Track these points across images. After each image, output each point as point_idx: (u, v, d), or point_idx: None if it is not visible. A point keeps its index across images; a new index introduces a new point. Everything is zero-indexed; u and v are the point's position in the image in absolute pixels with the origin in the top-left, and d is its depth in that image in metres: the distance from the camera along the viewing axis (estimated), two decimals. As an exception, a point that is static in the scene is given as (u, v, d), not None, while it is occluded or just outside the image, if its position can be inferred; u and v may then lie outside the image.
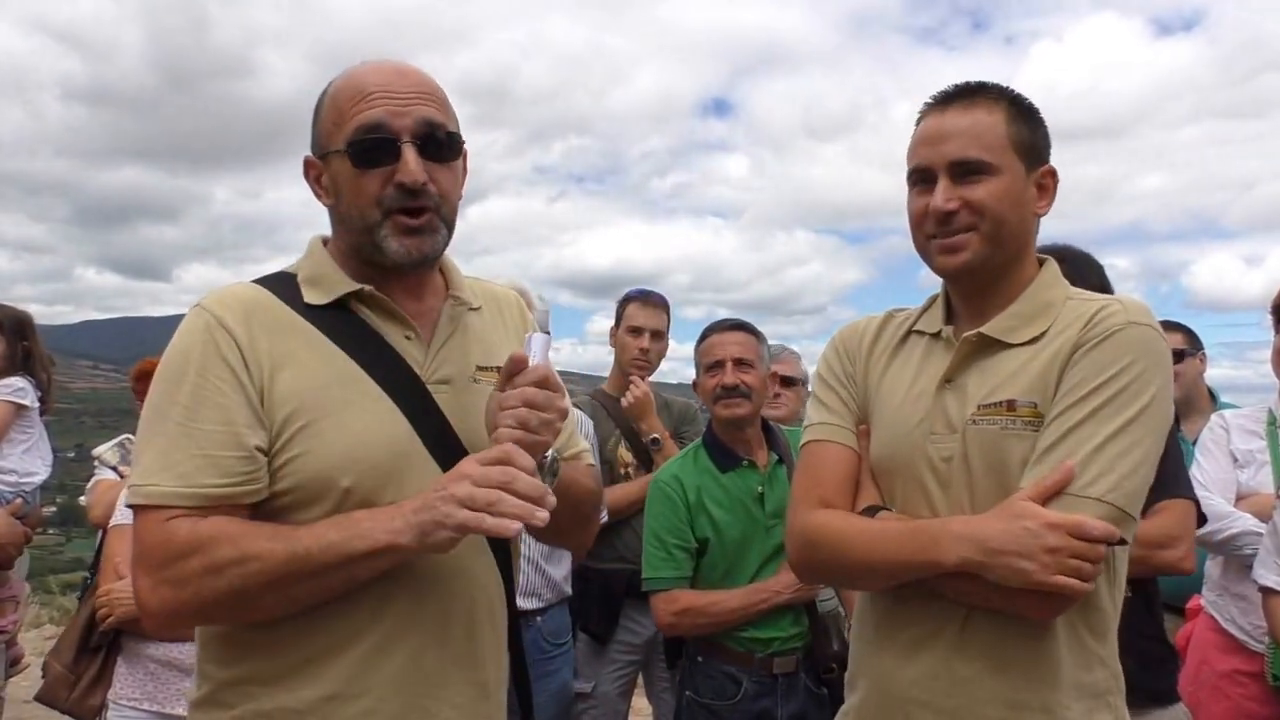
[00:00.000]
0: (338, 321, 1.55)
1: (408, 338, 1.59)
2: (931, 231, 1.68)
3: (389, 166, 1.50)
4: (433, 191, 1.53)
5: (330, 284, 1.58)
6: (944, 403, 1.69)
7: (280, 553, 1.39)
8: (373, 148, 1.50)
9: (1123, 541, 1.54)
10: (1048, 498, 1.52)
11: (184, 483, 1.42)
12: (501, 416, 1.44)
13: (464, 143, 1.59)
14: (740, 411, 3.01)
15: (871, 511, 1.72)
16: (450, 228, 1.60)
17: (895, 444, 1.73)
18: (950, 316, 1.77)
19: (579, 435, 1.83)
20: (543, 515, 1.37)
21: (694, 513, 2.97)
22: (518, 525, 1.35)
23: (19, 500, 3.87)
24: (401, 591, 1.50)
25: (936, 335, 1.75)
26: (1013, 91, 1.71)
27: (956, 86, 1.72)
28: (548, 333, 1.54)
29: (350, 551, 1.40)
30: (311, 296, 1.56)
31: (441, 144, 1.55)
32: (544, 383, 1.44)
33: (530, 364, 1.46)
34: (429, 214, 1.54)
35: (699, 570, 2.98)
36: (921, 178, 1.70)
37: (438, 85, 1.59)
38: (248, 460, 1.45)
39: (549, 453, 1.50)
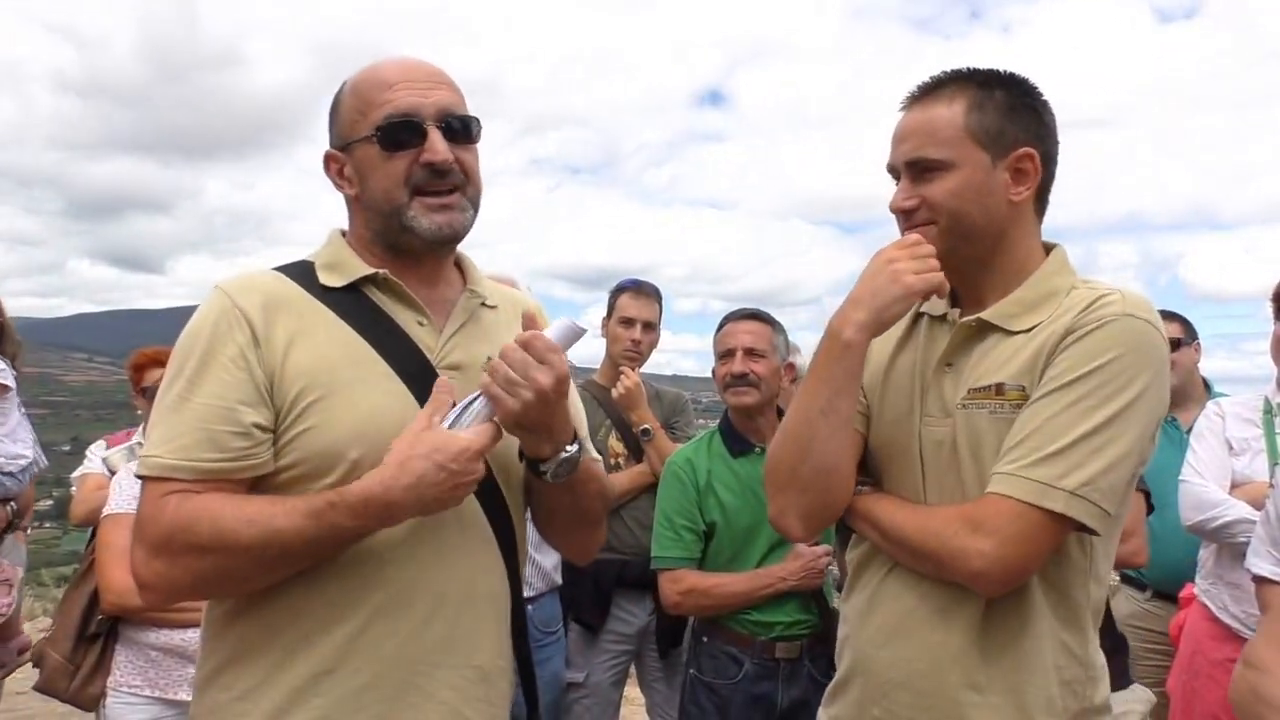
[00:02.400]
0: (352, 304, 1.61)
1: (420, 323, 1.64)
2: (900, 226, 1.72)
3: (416, 149, 1.57)
4: (458, 170, 1.60)
5: (346, 268, 1.63)
6: (940, 386, 1.69)
7: (258, 544, 1.43)
8: (400, 130, 1.57)
9: (1092, 531, 1.56)
10: None
11: (181, 456, 1.48)
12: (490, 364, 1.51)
13: (481, 125, 1.65)
14: (747, 400, 3.06)
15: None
16: (476, 208, 1.66)
17: (894, 426, 1.74)
18: (955, 301, 1.76)
19: (590, 445, 1.85)
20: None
21: (703, 496, 3.04)
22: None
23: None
24: (396, 571, 1.52)
25: (942, 318, 1.76)
26: (988, 75, 1.69)
27: (925, 81, 1.72)
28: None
29: (335, 543, 1.47)
30: (327, 279, 1.62)
31: (464, 126, 1.62)
32: (529, 346, 1.49)
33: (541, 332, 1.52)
34: (456, 192, 1.61)
35: (706, 553, 3.06)
36: (894, 175, 1.74)
37: (450, 76, 1.66)
38: (244, 437, 1.49)
39: (572, 447, 1.57)
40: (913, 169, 1.68)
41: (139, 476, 1.52)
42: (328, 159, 1.67)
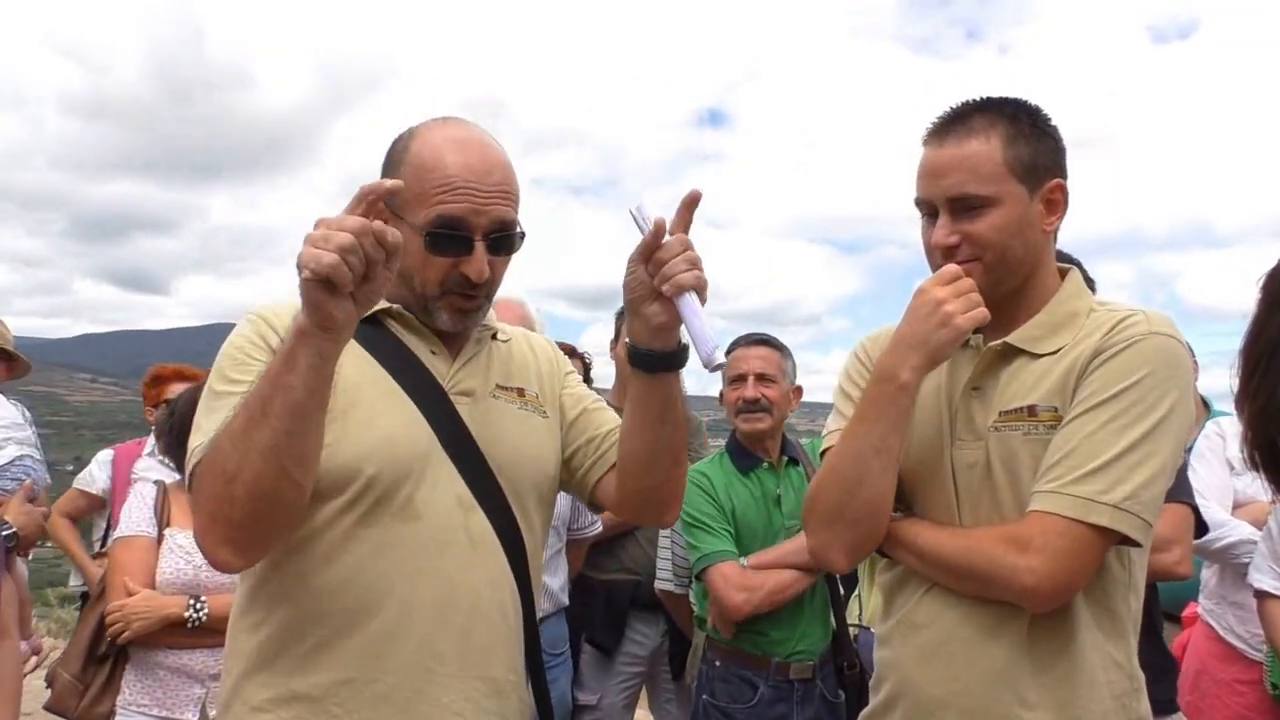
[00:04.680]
0: (371, 333, 1.66)
1: (434, 353, 1.70)
2: (939, 262, 1.72)
3: (459, 256, 1.61)
4: (489, 280, 1.65)
5: None
6: (970, 409, 1.72)
7: (253, 399, 1.41)
8: (450, 241, 1.60)
9: (1134, 543, 1.58)
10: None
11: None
12: (669, 266, 1.52)
13: (524, 235, 1.68)
14: (760, 426, 3.09)
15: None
16: (491, 300, 1.73)
17: (924, 451, 1.75)
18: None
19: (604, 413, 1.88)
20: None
21: (724, 508, 3.05)
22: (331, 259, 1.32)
23: (28, 483, 3.78)
24: (404, 584, 1.56)
25: (965, 344, 1.76)
26: (1013, 106, 1.71)
27: (952, 111, 1.72)
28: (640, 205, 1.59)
29: (276, 372, 1.40)
30: None
31: (509, 241, 1.66)
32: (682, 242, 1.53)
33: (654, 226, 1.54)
34: (480, 296, 1.67)
35: None
36: (927, 209, 1.74)
37: (513, 172, 1.67)
38: None
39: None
40: (954, 205, 1.68)
41: (188, 475, 1.50)
42: None
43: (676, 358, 1.62)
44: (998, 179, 1.66)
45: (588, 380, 3.62)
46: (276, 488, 1.43)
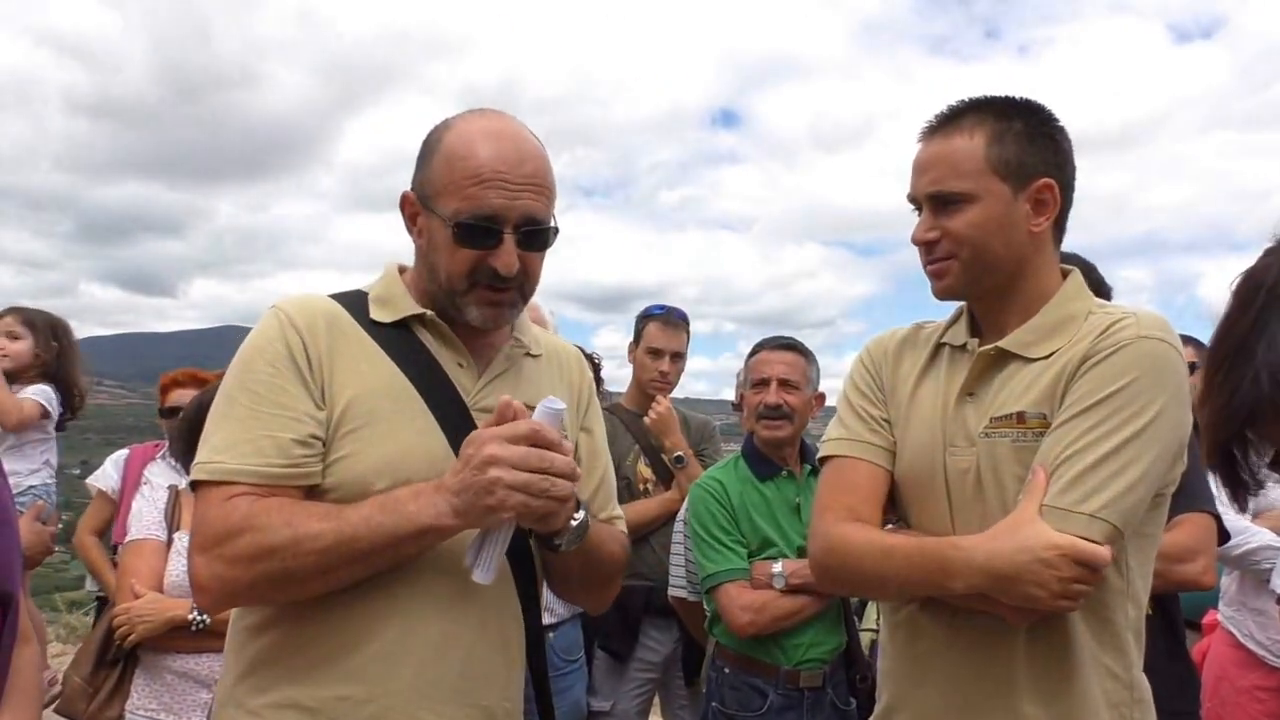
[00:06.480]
0: (397, 339, 1.64)
1: (460, 365, 1.67)
2: (922, 257, 1.74)
3: (488, 249, 1.57)
4: (520, 275, 1.61)
5: (396, 305, 1.67)
6: (963, 415, 1.70)
7: (329, 535, 1.45)
8: (477, 232, 1.57)
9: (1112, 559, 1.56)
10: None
11: (248, 461, 1.51)
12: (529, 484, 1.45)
13: (558, 231, 1.65)
14: (780, 434, 3.05)
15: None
16: (527, 300, 1.69)
17: (919, 457, 1.74)
18: (976, 329, 1.77)
19: (615, 502, 1.87)
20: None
21: (737, 516, 3.01)
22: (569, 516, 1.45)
23: (40, 503, 3.82)
24: (410, 605, 1.54)
25: (962, 348, 1.76)
26: (1007, 105, 1.70)
27: (943, 112, 1.73)
28: (563, 406, 1.52)
29: (396, 534, 1.46)
30: (378, 314, 1.66)
31: (540, 236, 1.62)
32: (521, 439, 1.45)
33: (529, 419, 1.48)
34: (513, 291, 1.63)
35: None
36: (914, 205, 1.75)
37: (547, 166, 1.63)
38: (304, 445, 1.53)
39: (579, 514, 1.56)
40: (934, 201, 1.69)
41: (194, 483, 1.54)
42: (405, 200, 1.67)
43: (550, 542, 1.58)
44: (976, 176, 1.65)
45: (598, 382, 3.59)
46: (306, 582, 1.48)
